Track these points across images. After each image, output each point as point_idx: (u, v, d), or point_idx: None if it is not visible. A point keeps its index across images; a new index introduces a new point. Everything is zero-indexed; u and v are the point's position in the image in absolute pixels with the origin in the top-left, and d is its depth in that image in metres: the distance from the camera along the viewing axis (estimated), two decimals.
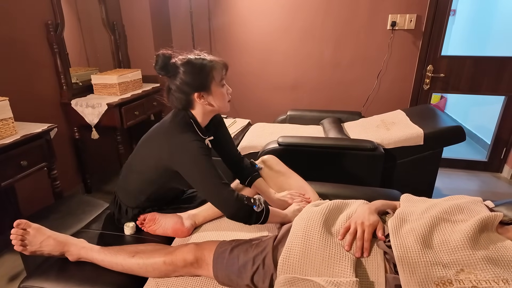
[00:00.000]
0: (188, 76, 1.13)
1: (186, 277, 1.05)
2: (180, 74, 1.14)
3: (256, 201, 1.13)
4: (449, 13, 2.45)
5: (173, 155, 1.13)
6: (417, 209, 0.98)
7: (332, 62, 2.80)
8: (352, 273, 0.83)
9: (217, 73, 1.16)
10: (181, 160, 1.13)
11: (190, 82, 1.14)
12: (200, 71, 1.14)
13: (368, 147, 1.76)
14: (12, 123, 1.58)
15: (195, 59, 1.16)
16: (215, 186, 1.11)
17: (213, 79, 1.15)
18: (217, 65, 1.16)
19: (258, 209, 1.12)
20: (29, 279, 1.07)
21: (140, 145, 1.25)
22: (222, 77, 1.19)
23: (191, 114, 1.21)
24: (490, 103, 3.09)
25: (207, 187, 1.12)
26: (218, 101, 1.19)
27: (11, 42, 1.87)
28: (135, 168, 1.27)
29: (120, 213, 1.33)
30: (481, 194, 2.44)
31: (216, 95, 1.18)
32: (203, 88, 1.15)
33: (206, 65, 1.15)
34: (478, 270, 0.75)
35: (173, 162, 1.14)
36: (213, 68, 1.15)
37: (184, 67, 1.14)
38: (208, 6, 2.87)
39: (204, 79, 1.14)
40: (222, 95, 1.19)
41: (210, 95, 1.17)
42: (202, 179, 1.12)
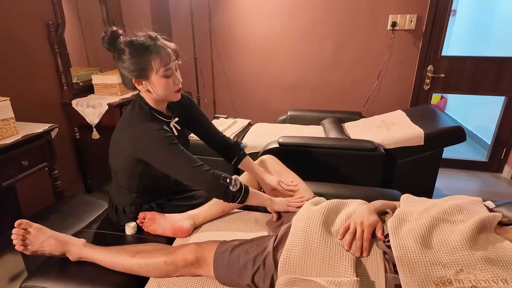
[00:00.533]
0: (127, 60, 1.08)
1: (187, 277, 1.05)
2: (122, 56, 1.09)
3: (232, 180, 1.12)
4: (450, 14, 2.46)
5: (138, 148, 1.12)
6: (416, 209, 0.98)
7: (333, 62, 2.80)
8: (352, 272, 0.84)
9: (157, 61, 1.08)
10: (146, 152, 1.11)
11: (127, 67, 1.09)
12: (138, 57, 1.07)
13: (368, 147, 1.77)
14: (13, 123, 1.58)
15: (138, 41, 1.09)
16: (189, 171, 1.10)
17: (151, 67, 1.08)
18: (159, 51, 1.08)
19: (234, 189, 1.12)
20: (30, 279, 1.08)
21: (111, 143, 1.25)
22: (166, 67, 1.09)
23: (144, 101, 1.18)
24: (490, 103, 3.09)
25: (181, 173, 1.12)
26: (157, 90, 1.12)
27: (12, 42, 1.88)
28: (113, 166, 1.27)
29: (117, 215, 1.33)
30: (481, 195, 2.44)
31: (155, 84, 1.11)
32: (139, 76, 1.10)
33: (146, 51, 1.07)
34: (478, 270, 0.76)
35: (139, 153, 1.13)
36: (153, 56, 1.07)
37: (127, 48, 1.08)
38: (209, 6, 2.88)
39: (141, 66, 1.08)
40: (163, 85, 1.11)
41: (149, 83, 1.12)
42: (174, 167, 1.11)
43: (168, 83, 1.13)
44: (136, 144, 1.12)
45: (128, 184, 1.26)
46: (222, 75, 3.07)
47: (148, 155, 1.12)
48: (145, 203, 1.32)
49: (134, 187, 1.26)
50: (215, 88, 3.14)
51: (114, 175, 1.30)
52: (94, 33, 2.55)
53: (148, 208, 1.32)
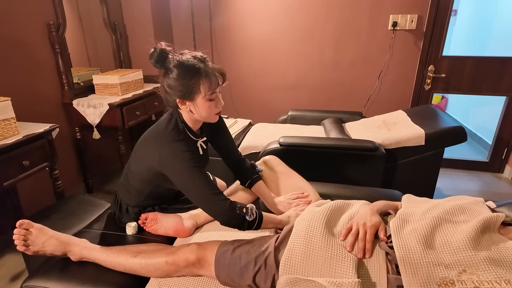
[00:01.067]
0: (175, 80, 1.09)
1: (188, 277, 1.05)
2: (170, 74, 1.10)
3: (248, 210, 1.12)
4: (450, 13, 2.45)
5: (163, 165, 1.13)
6: (418, 210, 0.98)
7: (333, 62, 2.80)
8: (354, 273, 0.84)
9: (206, 85, 1.09)
10: (172, 171, 1.12)
11: (175, 87, 1.10)
12: (187, 79, 1.08)
13: (369, 147, 1.76)
14: (14, 123, 1.58)
15: (188, 63, 1.09)
16: (206, 197, 1.11)
17: (198, 91, 1.09)
18: (209, 76, 1.09)
19: (250, 219, 1.12)
20: (31, 279, 1.08)
21: (137, 146, 1.25)
22: (213, 90, 1.11)
23: (181, 118, 1.19)
24: (491, 104, 3.09)
25: (199, 198, 1.13)
26: (200, 112, 1.14)
27: (13, 43, 1.88)
28: (132, 167, 1.27)
29: (121, 212, 1.34)
30: (482, 195, 2.44)
31: (199, 107, 1.13)
32: (185, 97, 1.11)
33: (195, 74, 1.08)
34: (481, 271, 0.75)
35: (164, 170, 1.14)
36: (202, 79, 1.08)
37: (175, 69, 1.09)
38: (209, 6, 2.88)
39: (189, 89, 1.09)
40: (206, 108, 1.13)
41: (193, 105, 1.13)
42: (193, 190, 1.12)
43: (212, 106, 1.14)
44: (163, 161, 1.12)
45: (141, 187, 1.26)
46: None
47: (171, 173, 1.13)
48: (149, 206, 1.32)
49: (144, 192, 1.27)
50: None
51: (129, 174, 1.29)
52: (95, 33, 2.55)
53: (150, 210, 1.33)
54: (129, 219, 1.33)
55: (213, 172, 1.48)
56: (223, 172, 2.05)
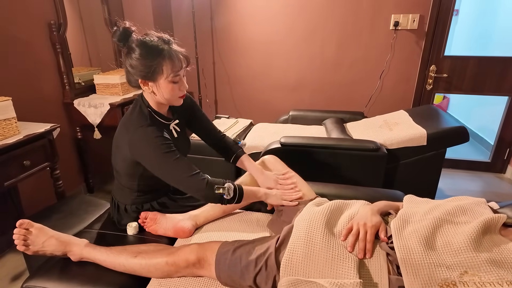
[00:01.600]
0: (137, 60, 1.07)
1: (188, 278, 1.05)
2: (132, 54, 1.08)
3: (225, 190, 1.13)
4: (452, 13, 2.44)
5: (134, 152, 1.13)
6: (420, 210, 0.97)
7: (335, 62, 2.79)
8: (355, 274, 0.83)
9: (169, 67, 1.08)
10: (144, 157, 1.12)
11: (137, 67, 1.08)
12: (149, 59, 1.06)
13: (370, 147, 1.76)
14: (15, 123, 1.58)
15: (151, 43, 1.08)
16: (183, 180, 1.11)
17: (161, 72, 1.08)
18: (172, 58, 1.08)
19: (228, 197, 1.14)
20: (32, 279, 1.08)
21: (113, 143, 1.25)
22: (176, 73, 1.10)
23: (146, 103, 1.18)
24: (493, 104, 3.07)
25: (175, 181, 1.13)
26: (162, 94, 1.13)
27: (14, 42, 1.88)
28: (114, 166, 1.28)
29: (119, 214, 1.34)
30: (484, 195, 2.43)
31: (162, 88, 1.11)
32: (147, 77, 1.10)
33: (159, 55, 1.06)
34: (482, 272, 0.75)
35: (136, 157, 1.14)
36: (165, 61, 1.07)
37: (138, 48, 1.07)
38: (211, 6, 2.87)
39: (152, 69, 1.07)
40: (169, 90, 1.12)
41: (155, 86, 1.12)
42: (169, 175, 1.12)
43: (175, 88, 1.13)
44: (133, 149, 1.13)
45: (129, 183, 1.26)
46: (223, 75, 3.07)
47: (145, 160, 1.13)
48: (146, 202, 1.32)
49: (135, 187, 1.27)
50: (216, 88, 3.14)
51: (116, 174, 1.30)
52: (96, 33, 2.55)
53: (149, 207, 1.32)
54: (128, 218, 1.32)
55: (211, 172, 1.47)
56: (223, 172, 2.06)
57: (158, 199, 1.34)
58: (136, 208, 1.31)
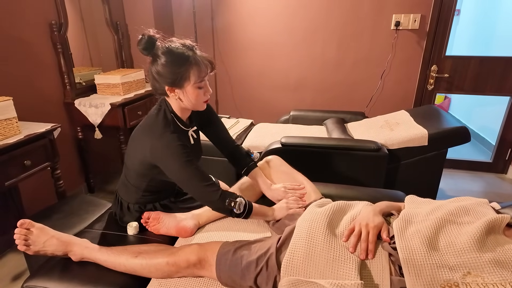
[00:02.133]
0: (164, 67, 1.09)
1: (189, 278, 1.04)
2: (158, 61, 1.09)
3: (236, 204, 1.15)
4: (454, 13, 2.44)
5: (155, 157, 1.14)
6: (422, 211, 0.96)
7: (336, 62, 2.79)
8: (356, 275, 0.83)
9: (196, 73, 1.10)
10: (164, 163, 1.14)
11: (164, 74, 1.09)
12: (176, 66, 1.08)
13: (371, 147, 1.75)
14: (16, 123, 1.58)
15: (177, 50, 1.10)
16: (198, 189, 1.14)
17: (188, 78, 1.10)
18: (199, 64, 1.10)
19: (237, 212, 1.16)
20: (32, 279, 1.08)
21: (130, 141, 1.26)
22: (202, 78, 1.12)
23: (170, 108, 1.19)
24: (494, 104, 3.06)
25: (191, 189, 1.16)
26: (189, 100, 1.14)
27: (15, 42, 1.88)
28: (127, 163, 1.28)
29: (122, 211, 1.34)
30: (485, 195, 2.42)
31: (189, 94, 1.13)
32: (175, 84, 1.11)
33: (185, 62, 1.08)
34: (485, 273, 0.74)
35: (156, 162, 1.15)
36: (192, 67, 1.09)
37: (164, 56, 1.09)
38: (211, 6, 2.87)
39: (179, 76, 1.09)
40: (195, 95, 1.14)
41: (182, 92, 1.13)
42: (185, 182, 1.14)
43: (200, 94, 1.15)
44: (155, 153, 1.13)
45: (138, 182, 1.27)
46: (224, 75, 3.07)
47: (165, 166, 1.14)
48: (149, 203, 1.32)
49: (142, 186, 1.27)
50: (217, 88, 3.13)
51: (126, 171, 1.30)
52: (97, 33, 2.55)
53: (152, 208, 1.32)
54: (130, 217, 1.32)
55: (213, 172, 1.47)
56: (223, 172, 2.06)
57: (161, 201, 1.35)
58: (139, 208, 1.31)
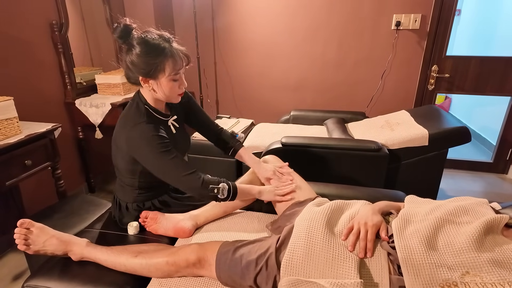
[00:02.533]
0: (138, 57, 1.07)
1: (188, 278, 1.04)
2: (133, 51, 1.08)
3: (219, 190, 1.16)
4: (455, 13, 2.43)
5: (131, 149, 1.14)
6: (421, 210, 0.96)
7: (336, 62, 2.79)
8: (356, 274, 0.83)
9: (171, 65, 1.09)
10: (140, 155, 1.13)
11: (138, 65, 1.08)
12: (151, 57, 1.07)
13: (372, 147, 1.75)
14: (17, 123, 1.58)
15: (153, 41, 1.08)
16: (179, 178, 1.13)
17: (163, 70, 1.09)
18: (174, 56, 1.09)
19: (222, 197, 1.17)
20: (33, 278, 1.08)
21: (112, 140, 1.26)
22: (177, 71, 1.11)
23: (143, 99, 1.19)
24: (495, 104, 3.06)
25: (171, 179, 1.15)
26: (163, 92, 1.13)
27: (16, 42, 1.88)
28: (115, 164, 1.29)
29: (121, 212, 1.34)
30: (486, 196, 2.42)
31: (163, 86, 1.12)
32: (148, 75, 1.10)
33: (161, 53, 1.07)
34: (484, 273, 0.74)
35: (133, 154, 1.15)
36: (168, 59, 1.08)
37: (139, 46, 1.07)
38: (212, 5, 2.87)
39: (153, 67, 1.08)
40: (169, 87, 1.13)
41: (156, 83, 1.12)
42: (164, 173, 1.14)
43: (175, 86, 1.15)
44: (131, 146, 1.14)
45: (130, 181, 1.27)
46: (225, 75, 3.07)
47: (141, 158, 1.14)
48: (147, 200, 1.32)
49: (136, 184, 1.27)
50: (218, 88, 3.14)
51: (117, 172, 1.30)
52: (98, 33, 2.56)
53: (150, 205, 1.32)
54: (129, 217, 1.32)
55: (214, 171, 1.48)
56: (225, 171, 2.06)
57: (159, 197, 1.34)
58: (137, 207, 1.31)
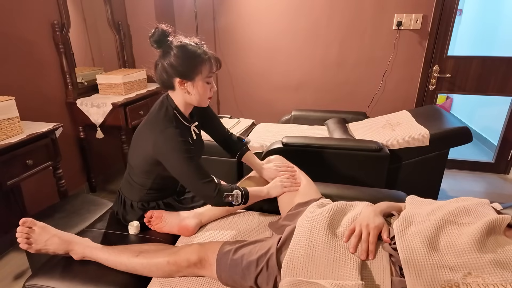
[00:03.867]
0: (177, 60, 1.12)
1: (189, 278, 1.05)
2: (171, 55, 1.13)
3: (234, 198, 1.19)
4: (456, 13, 2.43)
5: (157, 152, 1.16)
6: (422, 211, 0.96)
7: (337, 62, 2.79)
8: (357, 275, 0.83)
9: (206, 68, 1.15)
10: (165, 158, 1.15)
11: (177, 66, 1.13)
12: (190, 60, 1.13)
13: (373, 147, 1.75)
14: (18, 122, 1.59)
15: (190, 46, 1.15)
16: (197, 185, 1.16)
17: (200, 72, 1.14)
18: (210, 60, 1.15)
19: (236, 203, 1.20)
20: (34, 278, 1.08)
21: (133, 139, 1.27)
22: (210, 74, 1.17)
23: (173, 104, 1.22)
24: (496, 104, 3.05)
25: (190, 185, 1.17)
26: (197, 94, 1.18)
27: (17, 42, 1.88)
28: (131, 162, 1.29)
29: (125, 210, 1.34)
30: (487, 196, 2.41)
31: (198, 88, 1.17)
32: (187, 76, 1.14)
33: (199, 56, 1.13)
34: (486, 274, 0.74)
35: (158, 157, 1.17)
36: (204, 62, 1.14)
37: (177, 50, 1.13)
38: (213, 6, 2.87)
39: (191, 68, 1.13)
40: (203, 89, 1.18)
41: (192, 85, 1.16)
42: (185, 178, 1.16)
43: (207, 89, 1.19)
44: (157, 149, 1.15)
45: (143, 180, 1.28)
46: (226, 75, 3.07)
47: (166, 160, 1.16)
48: (152, 201, 1.33)
49: (148, 184, 1.28)
50: (219, 88, 3.14)
51: (130, 169, 1.31)
52: (99, 33, 2.56)
53: (155, 206, 1.33)
54: (133, 215, 1.33)
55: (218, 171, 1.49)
56: (223, 172, 2.06)
57: (165, 199, 1.35)
58: (142, 206, 1.32)
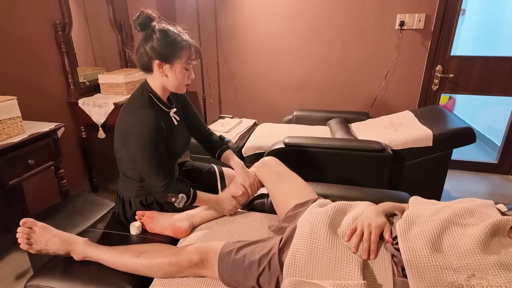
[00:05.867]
0: (158, 43, 1.17)
1: (191, 278, 1.04)
2: (153, 38, 1.17)
3: (177, 200, 1.20)
4: (459, 13, 2.42)
5: (129, 130, 1.17)
6: (426, 212, 0.95)
7: (339, 62, 2.78)
8: (359, 275, 0.82)
9: (186, 54, 1.19)
10: (132, 135, 1.16)
11: (157, 49, 1.17)
12: (171, 44, 1.17)
13: (375, 148, 1.74)
14: (20, 122, 1.59)
15: (172, 32, 1.20)
16: (148, 174, 1.17)
17: (179, 57, 1.18)
18: (189, 47, 1.20)
19: (179, 206, 1.22)
20: (35, 278, 1.08)
21: (115, 131, 1.28)
22: (189, 61, 1.21)
23: (149, 88, 1.24)
24: (500, 104, 3.03)
25: (144, 169, 1.19)
26: (175, 78, 1.21)
27: (19, 41, 1.89)
28: (117, 154, 1.30)
29: (124, 209, 1.34)
30: (490, 197, 2.40)
31: (176, 72, 1.20)
32: (166, 60, 1.18)
33: (179, 42, 1.18)
34: (490, 276, 0.73)
35: (128, 134, 1.18)
36: (184, 48, 1.18)
37: (159, 33, 1.18)
38: (215, 5, 2.87)
39: (171, 52, 1.17)
40: (181, 75, 1.21)
41: (170, 69, 1.20)
42: (142, 161, 1.17)
43: (185, 75, 1.23)
44: (127, 127, 1.18)
45: (131, 172, 1.28)
46: (227, 74, 3.07)
47: (132, 138, 1.17)
48: (149, 195, 1.32)
49: (137, 176, 1.28)
50: (220, 88, 3.13)
51: (119, 164, 1.31)
52: (101, 33, 2.56)
53: (153, 200, 1.33)
54: (133, 213, 1.33)
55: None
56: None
57: None
58: (140, 202, 1.32)
